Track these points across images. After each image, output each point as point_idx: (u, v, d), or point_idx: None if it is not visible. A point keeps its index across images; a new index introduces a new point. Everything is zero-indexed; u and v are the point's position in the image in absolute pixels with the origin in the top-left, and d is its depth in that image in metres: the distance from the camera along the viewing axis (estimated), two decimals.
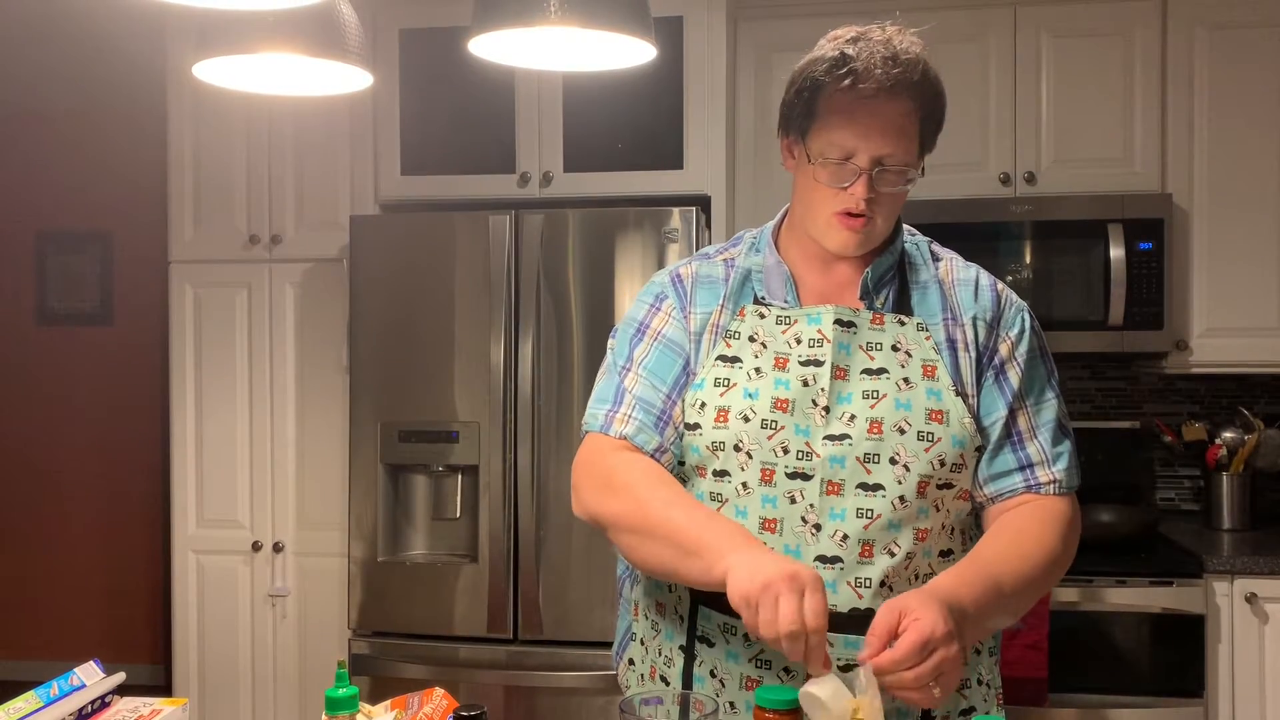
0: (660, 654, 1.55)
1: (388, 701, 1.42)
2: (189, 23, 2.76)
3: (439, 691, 1.43)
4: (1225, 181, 3.10)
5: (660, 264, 2.86)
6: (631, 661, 1.62)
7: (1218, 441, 3.22)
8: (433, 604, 3.02)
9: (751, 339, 1.48)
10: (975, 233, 3.08)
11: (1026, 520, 1.45)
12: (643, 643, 1.59)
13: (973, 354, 1.48)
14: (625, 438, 1.49)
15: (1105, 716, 2.81)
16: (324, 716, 1.27)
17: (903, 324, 1.48)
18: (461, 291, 3.01)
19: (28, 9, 4.26)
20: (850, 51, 1.41)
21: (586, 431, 1.55)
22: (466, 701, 1.28)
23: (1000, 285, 1.55)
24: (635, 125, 3.12)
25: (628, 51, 1.50)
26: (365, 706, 1.38)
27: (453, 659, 2.99)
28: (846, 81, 1.40)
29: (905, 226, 1.58)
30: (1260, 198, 3.10)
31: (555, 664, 2.94)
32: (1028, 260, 3.10)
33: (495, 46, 1.47)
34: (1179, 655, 2.81)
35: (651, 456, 1.49)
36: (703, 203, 3.05)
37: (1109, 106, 3.15)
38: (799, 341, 1.46)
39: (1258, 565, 2.80)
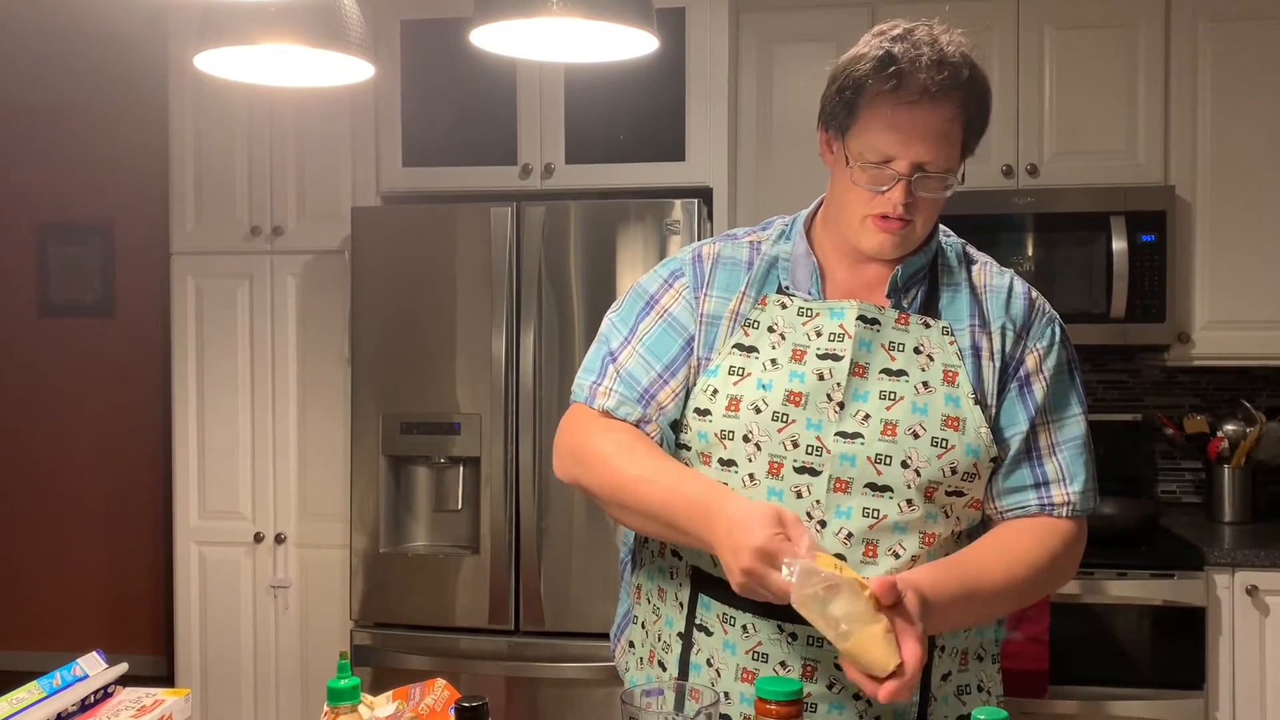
0: (659, 639, 1.55)
1: (389, 692, 1.42)
2: (190, 14, 2.76)
3: (441, 682, 1.43)
4: (1228, 174, 3.10)
5: (662, 256, 2.85)
6: (631, 644, 1.62)
7: (1219, 434, 3.22)
8: (434, 595, 3.03)
9: (771, 329, 1.46)
10: (977, 225, 3.07)
11: (1023, 535, 1.44)
12: (643, 626, 1.59)
13: (997, 363, 1.45)
14: (606, 411, 1.49)
15: (1106, 708, 2.81)
16: (326, 707, 1.28)
17: (928, 326, 1.45)
18: (463, 283, 3.01)
19: (29, 1, 4.25)
20: (895, 51, 1.36)
21: (573, 400, 1.56)
22: (468, 693, 1.28)
23: (1034, 294, 1.51)
24: (637, 117, 3.12)
25: (630, 43, 1.50)
26: (367, 697, 1.38)
27: (454, 650, 3.00)
28: (890, 84, 1.36)
29: (941, 226, 1.54)
30: (1263, 190, 3.09)
31: (557, 655, 2.94)
32: (1030, 253, 3.10)
33: (497, 38, 1.47)
34: (1180, 648, 2.81)
35: (636, 426, 1.49)
36: (704, 194, 3.05)
37: (1112, 99, 3.14)
38: (819, 334, 1.44)
39: (1259, 558, 2.80)
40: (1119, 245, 3.02)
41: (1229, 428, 3.22)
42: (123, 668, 1.45)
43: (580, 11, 1.32)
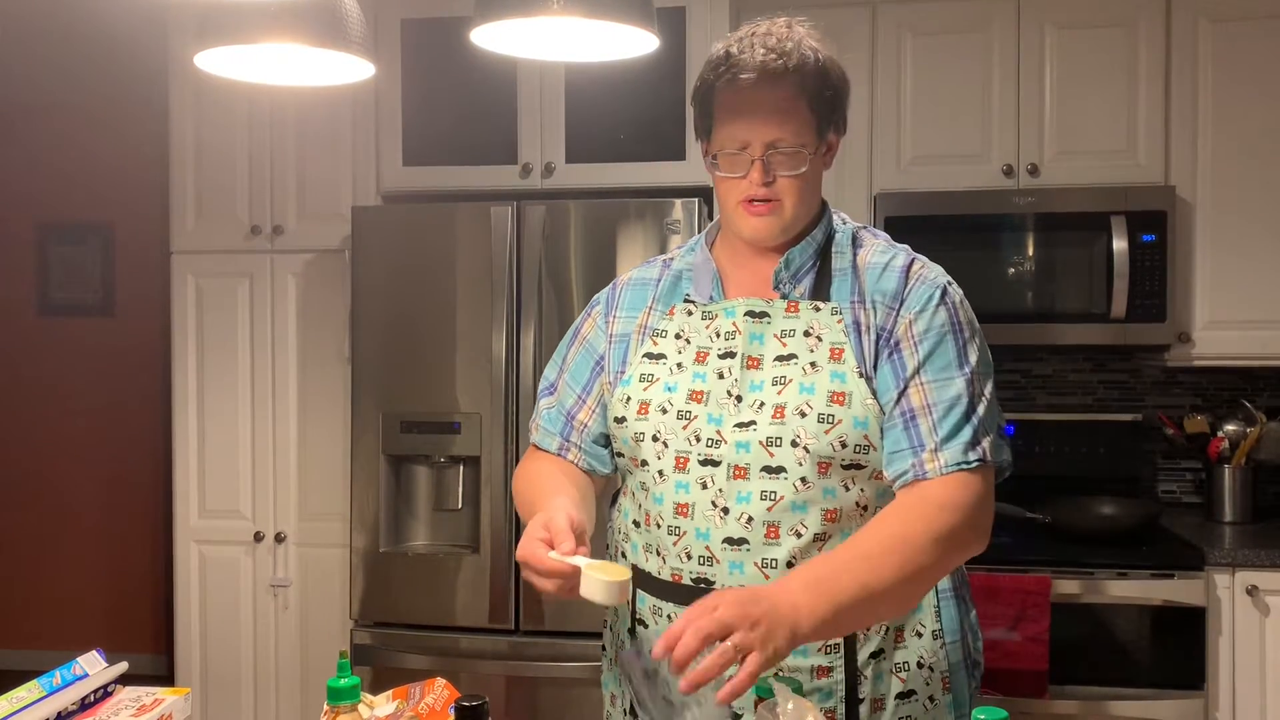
0: (618, 638, 1.63)
1: (389, 691, 1.43)
2: (190, 13, 2.76)
3: (440, 682, 1.44)
4: (1228, 174, 3.10)
5: (662, 254, 2.85)
6: (604, 647, 1.70)
7: (1220, 434, 3.21)
8: (434, 595, 3.03)
9: (677, 336, 1.57)
10: (978, 225, 3.07)
11: (900, 512, 1.41)
12: (611, 629, 1.67)
13: (873, 335, 1.49)
14: (535, 444, 1.69)
15: (1106, 709, 2.81)
16: (326, 706, 1.28)
17: (817, 310, 1.52)
18: (463, 282, 3.01)
19: (29, 1, 4.25)
20: (734, 49, 1.49)
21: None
22: (468, 692, 1.28)
23: (917, 266, 1.53)
24: (637, 116, 3.12)
25: (630, 42, 1.50)
26: (367, 696, 1.38)
27: (454, 649, 3.00)
28: (728, 75, 1.48)
29: (839, 215, 1.61)
30: (1264, 190, 3.09)
31: (557, 655, 2.94)
32: (1030, 252, 3.10)
33: (497, 37, 1.47)
34: (1180, 648, 2.81)
35: (557, 454, 1.66)
36: (704, 194, 3.04)
37: (1112, 98, 3.14)
38: (718, 335, 1.54)
39: (1259, 558, 2.80)
40: (1119, 245, 3.02)
41: (1229, 428, 3.22)
42: (122, 667, 1.45)
43: (581, 11, 1.32)
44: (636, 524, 1.57)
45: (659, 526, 1.52)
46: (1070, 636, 2.80)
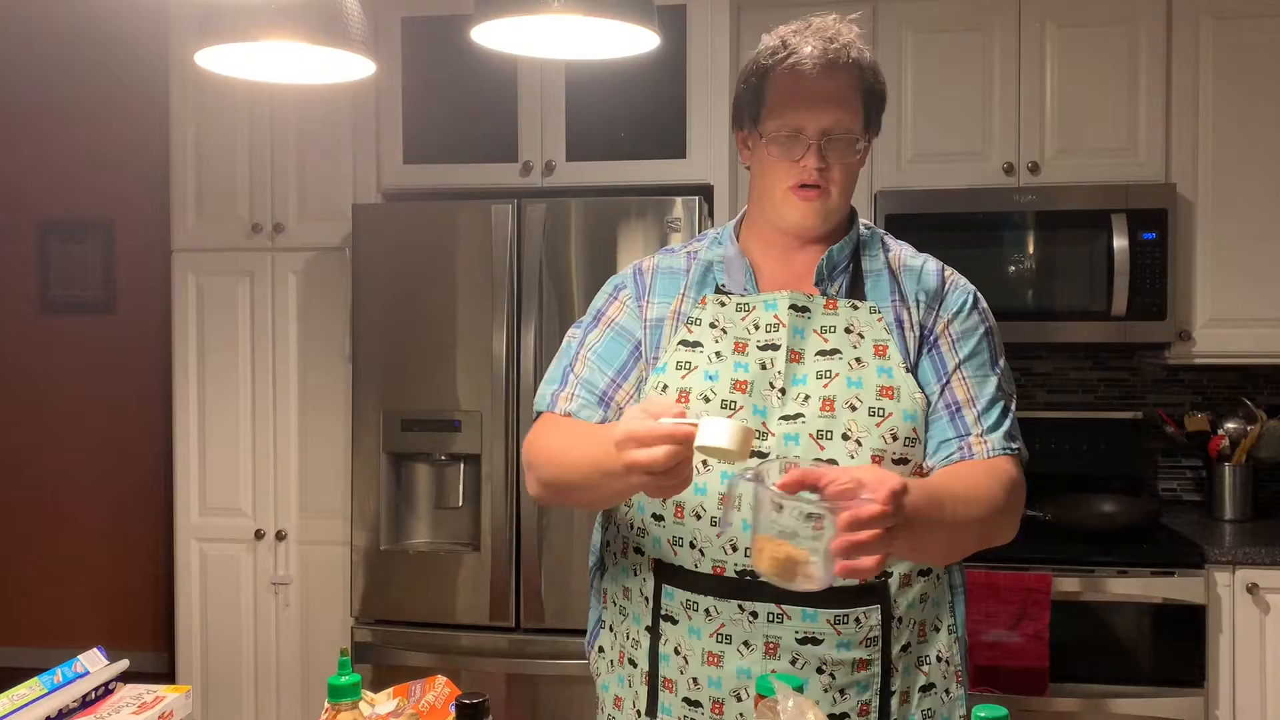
0: (628, 637, 1.59)
1: (390, 689, 1.43)
2: (191, 11, 2.76)
3: (441, 679, 1.44)
4: (1229, 172, 3.10)
5: None
6: (601, 649, 1.67)
7: (1220, 432, 3.22)
8: (435, 592, 3.03)
9: (712, 325, 1.55)
10: (978, 223, 3.07)
11: (971, 467, 1.49)
12: (611, 629, 1.64)
13: (916, 332, 1.54)
14: (569, 414, 1.58)
15: (1106, 706, 2.81)
16: (327, 704, 1.28)
17: (856, 308, 1.54)
18: (464, 280, 3.01)
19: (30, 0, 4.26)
20: (791, 40, 1.53)
21: (538, 412, 1.63)
22: (469, 690, 1.28)
23: (948, 271, 1.61)
24: (638, 114, 3.12)
25: (631, 40, 1.50)
26: (368, 694, 1.38)
27: (455, 647, 3.00)
28: (789, 62, 1.51)
29: (861, 221, 1.64)
30: (1265, 188, 3.09)
31: (557, 652, 2.94)
32: (1031, 250, 3.10)
33: (498, 35, 1.47)
34: (1180, 645, 2.81)
35: None
36: (705, 192, 3.05)
37: (1113, 96, 3.14)
38: (757, 327, 1.53)
39: (1259, 556, 2.80)
40: (1120, 243, 3.02)
41: (1230, 425, 3.22)
42: (123, 664, 1.45)
43: (581, 9, 1.32)
44: (658, 517, 1.52)
45: (698, 518, 1.48)
46: (1071, 634, 2.81)
